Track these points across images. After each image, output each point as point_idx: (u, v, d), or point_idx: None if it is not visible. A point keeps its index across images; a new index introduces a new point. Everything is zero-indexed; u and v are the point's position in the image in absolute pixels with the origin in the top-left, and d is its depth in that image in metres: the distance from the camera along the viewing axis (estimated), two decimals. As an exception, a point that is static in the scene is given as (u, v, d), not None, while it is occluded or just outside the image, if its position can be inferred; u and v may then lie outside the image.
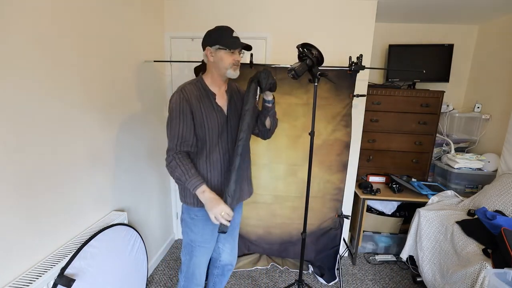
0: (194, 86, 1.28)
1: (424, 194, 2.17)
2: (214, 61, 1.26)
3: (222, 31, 1.25)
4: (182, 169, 1.21)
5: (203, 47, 1.28)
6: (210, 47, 1.24)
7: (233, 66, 1.27)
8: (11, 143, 1.04)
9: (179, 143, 1.23)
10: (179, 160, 1.22)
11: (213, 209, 1.19)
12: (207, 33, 1.27)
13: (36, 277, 1.09)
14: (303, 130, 2.02)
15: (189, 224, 1.37)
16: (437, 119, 2.40)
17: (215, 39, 1.23)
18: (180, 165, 1.21)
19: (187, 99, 1.23)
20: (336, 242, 2.11)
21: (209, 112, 1.27)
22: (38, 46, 1.13)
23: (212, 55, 1.25)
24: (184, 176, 1.20)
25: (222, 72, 1.27)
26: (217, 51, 1.24)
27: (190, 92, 1.25)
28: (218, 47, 1.23)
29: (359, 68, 1.79)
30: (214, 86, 1.32)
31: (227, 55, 1.24)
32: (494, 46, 2.45)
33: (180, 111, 1.21)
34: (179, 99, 1.22)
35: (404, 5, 2.20)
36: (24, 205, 1.11)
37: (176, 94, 1.24)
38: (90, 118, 1.45)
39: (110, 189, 1.65)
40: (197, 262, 1.42)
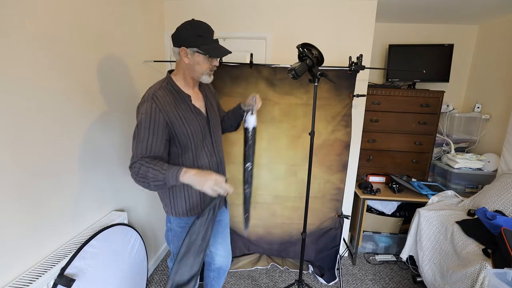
0: (165, 90, 1.15)
1: (424, 194, 2.17)
2: (189, 63, 1.15)
3: (202, 31, 1.12)
4: (154, 168, 1.05)
5: (176, 44, 1.14)
6: (187, 48, 1.11)
7: (209, 72, 1.19)
8: (11, 143, 1.04)
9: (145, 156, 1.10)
10: (147, 163, 1.07)
11: (206, 183, 1.05)
12: (182, 30, 1.12)
13: (36, 277, 1.09)
14: (303, 130, 2.02)
15: (179, 234, 1.30)
16: (437, 119, 2.40)
17: (194, 41, 1.10)
18: (150, 166, 1.06)
19: (161, 108, 1.10)
20: (336, 242, 2.11)
21: (188, 117, 1.18)
22: (37, 46, 1.13)
23: (188, 57, 1.13)
24: (160, 172, 1.05)
25: (195, 75, 1.18)
26: (194, 55, 1.12)
27: (162, 99, 1.12)
28: (197, 51, 1.11)
29: (359, 68, 1.79)
30: (187, 87, 1.22)
31: (205, 61, 1.15)
32: (494, 46, 2.45)
33: (150, 122, 1.08)
34: (150, 108, 1.09)
35: (404, 5, 2.20)
36: (24, 205, 1.11)
37: (146, 103, 1.10)
38: (90, 118, 1.45)
39: (110, 189, 1.65)
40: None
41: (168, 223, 1.33)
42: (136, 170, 1.08)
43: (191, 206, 1.27)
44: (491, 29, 2.50)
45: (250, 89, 2.00)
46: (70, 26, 1.29)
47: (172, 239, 1.33)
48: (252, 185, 1.41)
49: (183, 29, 1.12)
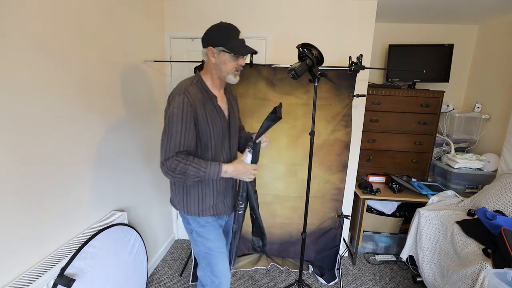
0: (196, 87, 1.17)
1: (424, 194, 2.17)
2: (216, 63, 1.17)
3: (228, 31, 1.16)
4: (194, 166, 1.10)
5: (204, 45, 1.18)
6: (213, 47, 1.14)
7: (235, 72, 1.20)
8: (11, 143, 1.04)
9: (179, 151, 1.11)
10: (185, 160, 1.10)
11: (245, 173, 1.21)
12: (210, 30, 1.17)
13: (36, 277, 1.09)
14: (303, 130, 2.02)
15: (201, 233, 1.29)
16: (437, 119, 2.40)
17: (220, 40, 1.13)
18: (189, 163, 1.09)
19: (191, 103, 1.11)
20: (336, 242, 2.11)
21: (214, 117, 1.19)
22: (37, 46, 1.13)
23: (214, 56, 1.16)
24: (200, 170, 1.11)
25: (222, 75, 1.20)
26: (220, 54, 1.15)
27: (194, 95, 1.13)
28: (223, 49, 1.14)
29: (359, 68, 1.79)
30: (214, 88, 1.24)
31: (231, 60, 1.16)
32: (494, 46, 2.45)
33: (182, 116, 1.09)
34: (183, 103, 1.09)
35: (404, 5, 2.20)
36: (24, 205, 1.11)
37: (178, 97, 1.11)
38: (90, 118, 1.45)
39: (110, 189, 1.65)
40: (222, 270, 1.33)
41: (188, 224, 1.31)
42: (172, 166, 1.09)
43: (203, 208, 1.27)
44: (491, 29, 2.50)
45: (250, 89, 2.00)
46: (70, 26, 1.28)
47: (197, 239, 1.30)
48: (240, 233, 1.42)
49: (211, 30, 1.17)
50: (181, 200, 1.28)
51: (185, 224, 1.34)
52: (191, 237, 1.33)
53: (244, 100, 2.00)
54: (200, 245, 1.31)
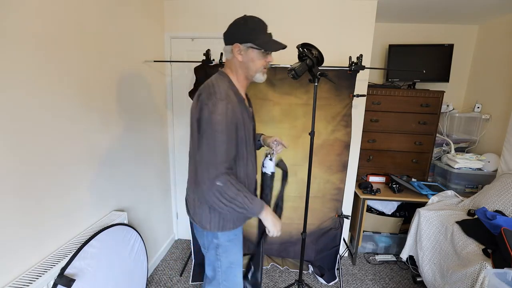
0: (231, 90, 1.06)
1: (424, 194, 2.17)
2: (243, 61, 1.07)
3: (256, 25, 1.05)
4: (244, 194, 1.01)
5: (229, 42, 1.07)
6: (240, 44, 1.04)
7: (263, 70, 1.11)
8: (11, 143, 1.04)
9: (226, 164, 1.00)
10: (237, 184, 1.00)
11: (277, 225, 1.14)
12: (236, 25, 1.06)
13: (36, 277, 1.09)
14: (303, 130, 2.02)
15: (228, 247, 1.21)
16: (437, 119, 2.40)
17: (248, 36, 1.03)
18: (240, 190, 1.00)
19: (233, 109, 1.01)
20: (336, 242, 2.11)
21: (246, 121, 1.10)
22: (37, 45, 1.13)
23: (242, 53, 1.05)
24: (249, 202, 1.01)
25: (249, 74, 1.10)
26: (248, 50, 1.05)
27: (233, 100, 1.03)
28: (251, 46, 1.04)
29: (359, 68, 1.79)
30: (241, 89, 1.13)
31: (260, 57, 1.07)
32: (494, 46, 2.45)
33: (227, 124, 0.98)
34: (226, 110, 0.97)
35: (404, 5, 2.20)
36: (24, 205, 1.11)
37: (222, 104, 0.98)
38: (90, 118, 1.45)
39: (110, 189, 1.65)
40: (239, 282, 1.28)
41: (215, 239, 1.18)
42: (223, 188, 0.97)
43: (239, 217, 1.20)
44: (491, 29, 2.50)
45: (250, 89, 1.99)
46: (70, 26, 1.28)
47: (222, 255, 1.20)
48: None
49: (236, 25, 1.06)
50: (216, 216, 1.14)
51: (209, 239, 1.19)
52: (214, 252, 1.20)
53: (244, 100, 2.00)
54: (223, 259, 1.21)
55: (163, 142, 2.28)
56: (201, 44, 2.16)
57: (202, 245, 1.26)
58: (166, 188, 2.44)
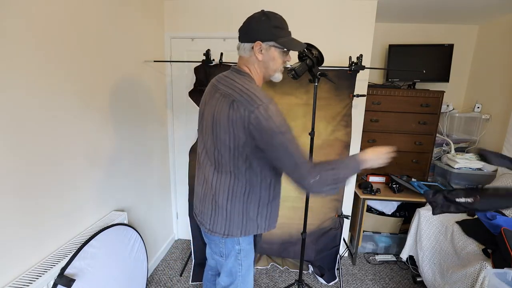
0: None
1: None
2: (264, 60, 1.02)
3: (279, 22, 1.02)
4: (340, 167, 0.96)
5: (248, 39, 1.01)
6: (262, 42, 0.99)
7: (282, 69, 1.08)
8: (11, 143, 1.04)
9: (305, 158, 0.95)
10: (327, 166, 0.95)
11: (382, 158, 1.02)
12: (257, 22, 1.01)
13: (36, 277, 1.09)
14: (303, 130, 2.02)
15: (249, 250, 1.19)
16: (437, 119, 2.40)
17: (271, 34, 0.99)
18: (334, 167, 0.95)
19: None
20: (336, 242, 2.11)
21: None
22: (37, 45, 1.13)
23: (262, 52, 1.01)
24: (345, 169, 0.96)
25: (268, 73, 1.06)
26: (270, 49, 1.01)
27: None
28: (274, 44, 1.00)
29: (359, 68, 1.79)
30: None
31: (280, 56, 1.03)
32: (494, 46, 2.45)
33: (286, 122, 0.96)
34: (277, 109, 0.96)
35: (404, 5, 2.20)
36: (24, 205, 1.11)
37: (272, 105, 0.95)
38: (90, 118, 1.45)
39: (110, 189, 1.65)
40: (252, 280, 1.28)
41: (236, 246, 1.14)
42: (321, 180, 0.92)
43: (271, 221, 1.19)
44: (491, 29, 2.50)
45: (250, 89, 2.00)
46: (71, 26, 1.28)
47: (243, 259, 1.18)
48: None
49: (258, 22, 1.01)
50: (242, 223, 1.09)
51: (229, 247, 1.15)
52: (235, 257, 1.16)
53: (244, 100, 2.00)
54: (244, 263, 1.19)
55: (163, 142, 2.28)
56: (201, 44, 2.16)
57: (219, 254, 1.19)
58: (166, 188, 2.44)
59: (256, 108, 0.92)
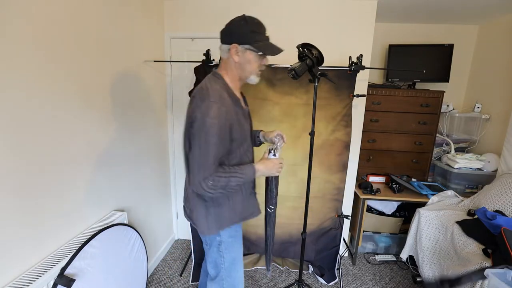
0: (225, 92, 1.06)
1: (424, 194, 2.17)
2: (240, 62, 1.07)
3: (256, 27, 1.05)
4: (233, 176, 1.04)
5: (226, 41, 1.06)
6: (239, 45, 1.03)
7: (258, 72, 1.12)
8: (11, 143, 1.04)
9: (216, 164, 1.02)
10: (224, 173, 1.03)
11: (274, 168, 1.19)
12: (235, 25, 1.05)
13: (36, 277, 1.09)
14: (303, 130, 2.02)
15: (230, 244, 1.24)
16: (437, 119, 2.40)
17: (247, 37, 1.03)
18: (228, 175, 1.03)
19: (227, 111, 1.01)
20: (336, 242, 2.11)
21: (243, 121, 1.12)
22: (37, 45, 1.13)
23: (239, 54, 1.05)
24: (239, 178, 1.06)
25: (244, 75, 1.11)
26: (246, 52, 1.05)
27: (227, 101, 1.04)
28: (249, 48, 1.04)
29: (359, 68, 1.79)
30: (235, 89, 1.13)
31: (256, 59, 1.08)
32: (494, 46, 2.45)
33: (220, 127, 0.98)
34: (219, 111, 0.98)
35: (404, 5, 2.20)
36: (24, 205, 1.11)
37: (215, 106, 0.98)
38: (90, 118, 1.45)
39: (110, 189, 1.65)
40: (239, 276, 1.32)
41: (217, 237, 1.21)
42: (213, 184, 1.01)
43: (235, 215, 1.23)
44: (491, 29, 2.50)
45: (250, 89, 2.00)
46: (71, 26, 1.28)
47: (224, 251, 1.23)
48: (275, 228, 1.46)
49: (235, 25, 1.05)
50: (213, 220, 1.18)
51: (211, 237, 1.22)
52: (217, 249, 1.23)
53: (244, 100, 2.00)
54: (226, 255, 1.24)
55: (163, 142, 2.28)
56: (201, 44, 2.16)
57: (204, 242, 1.28)
58: (166, 188, 2.44)
59: (203, 103, 1.00)
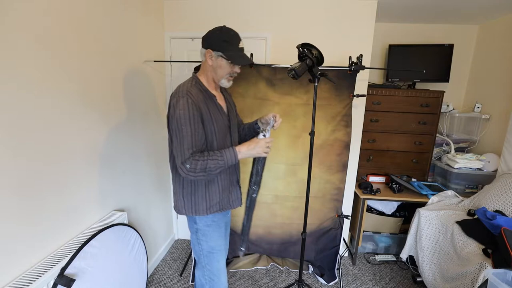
0: (195, 88, 1.20)
1: (424, 194, 2.17)
2: (213, 66, 1.21)
3: (230, 38, 1.18)
4: (211, 159, 1.14)
5: (203, 46, 1.21)
6: (213, 51, 1.17)
7: (229, 77, 1.25)
8: (11, 143, 1.04)
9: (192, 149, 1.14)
10: (202, 157, 1.13)
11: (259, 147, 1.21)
12: (212, 33, 1.19)
13: (36, 277, 1.09)
14: (303, 130, 2.02)
15: (207, 232, 1.33)
16: (437, 119, 2.40)
17: (221, 46, 1.16)
18: (206, 159, 1.13)
19: (196, 103, 1.14)
20: (336, 242, 2.11)
21: (216, 115, 1.23)
22: (38, 46, 1.13)
23: (212, 59, 1.19)
24: (219, 161, 1.15)
25: (217, 78, 1.24)
26: (218, 58, 1.18)
27: (196, 96, 1.16)
28: (221, 55, 1.17)
29: (359, 68, 1.79)
30: (211, 87, 1.27)
31: (227, 66, 1.20)
32: (494, 46, 2.45)
33: (190, 117, 1.12)
34: (187, 104, 1.12)
35: (404, 5, 2.20)
36: (24, 205, 1.11)
37: (182, 99, 1.13)
38: (90, 118, 1.45)
39: (110, 189, 1.65)
40: (221, 268, 1.39)
41: (194, 224, 1.33)
42: (192, 167, 1.12)
43: (210, 205, 1.30)
44: (491, 29, 2.50)
45: (250, 89, 2.00)
46: (71, 26, 1.28)
47: (202, 239, 1.33)
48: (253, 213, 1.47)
49: (212, 33, 1.19)
50: (188, 201, 1.29)
51: (191, 224, 1.36)
52: (195, 236, 1.35)
53: (244, 100, 2.00)
54: (203, 243, 1.34)
55: (163, 142, 2.28)
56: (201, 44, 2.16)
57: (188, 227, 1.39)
58: (166, 188, 2.44)
59: (174, 98, 1.16)
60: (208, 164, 1.13)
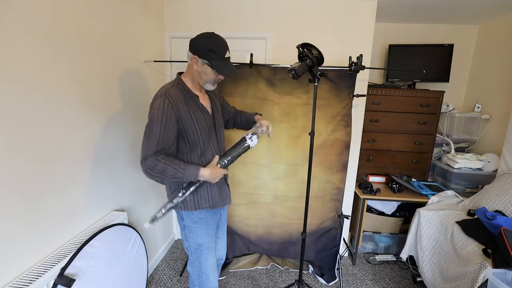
0: (176, 89, 1.23)
1: (424, 194, 2.17)
2: (198, 70, 1.23)
3: (217, 47, 1.19)
4: (173, 166, 1.15)
5: (190, 50, 1.22)
6: (199, 58, 1.19)
7: (213, 82, 1.28)
8: (11, 143, 1.04)
9: (157, 150, 1.16)
10: (165, 160, 1.15)
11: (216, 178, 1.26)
12: (200, 39, 1.20)
13: (36, 277, 1.09)
14: (303, 130, 2.02)
15: (193, 229, 1.36)
16: (437, 119, 2.40)
17: (207, 54, 1.18)
18: (168, 164, 1.15)
19: (173, 104, 1.17)
20: (336, 242, 2.11)
21: (197, 114, 1.25)
22: (38, 45, 1.13)
23: (198, 65, 1.21)
24: (179, 171, 1.16)
25: (201, 82, 1.27)
26: (204, 65, 1.21)
27: (175, 96, 1.19)
28: (207, 63, 1.19)
29: (359, 68, 1.79)
30: (195, 88, 1.30)
31: (212, 73, 1.22)
32: (494, 46, 2.45)
33: (162, 117, 1.14)
34: (163, 104, 1.15)
35: (404, 5, 2.20)
36: (24, 205, 1.11)
37: (160, 99, 1.16)
38: (90, 118, 1.45)
39: (110, 189, 1.65)
40: (209, 265, 1.40)
41: (181, 221, 1.37)
42: (151, 165, 1.14)
43: (199, 200, 1.33)
44: (491, 29, 2.50)
45: (250, 89, 2.00)
46: (71, 26, 1.28)
47: (188, 235, 1.37)
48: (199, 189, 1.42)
49: (201, 40, 1.20)
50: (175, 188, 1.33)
51: (179, 220, 1.39)
52: (183, 233, 1.39)
53: (244, 100, 2.00)
54: (191, 240, 1.37)
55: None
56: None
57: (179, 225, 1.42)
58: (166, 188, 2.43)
59: (153, 99, 1.21)
60: (168, 170, 1.14)
